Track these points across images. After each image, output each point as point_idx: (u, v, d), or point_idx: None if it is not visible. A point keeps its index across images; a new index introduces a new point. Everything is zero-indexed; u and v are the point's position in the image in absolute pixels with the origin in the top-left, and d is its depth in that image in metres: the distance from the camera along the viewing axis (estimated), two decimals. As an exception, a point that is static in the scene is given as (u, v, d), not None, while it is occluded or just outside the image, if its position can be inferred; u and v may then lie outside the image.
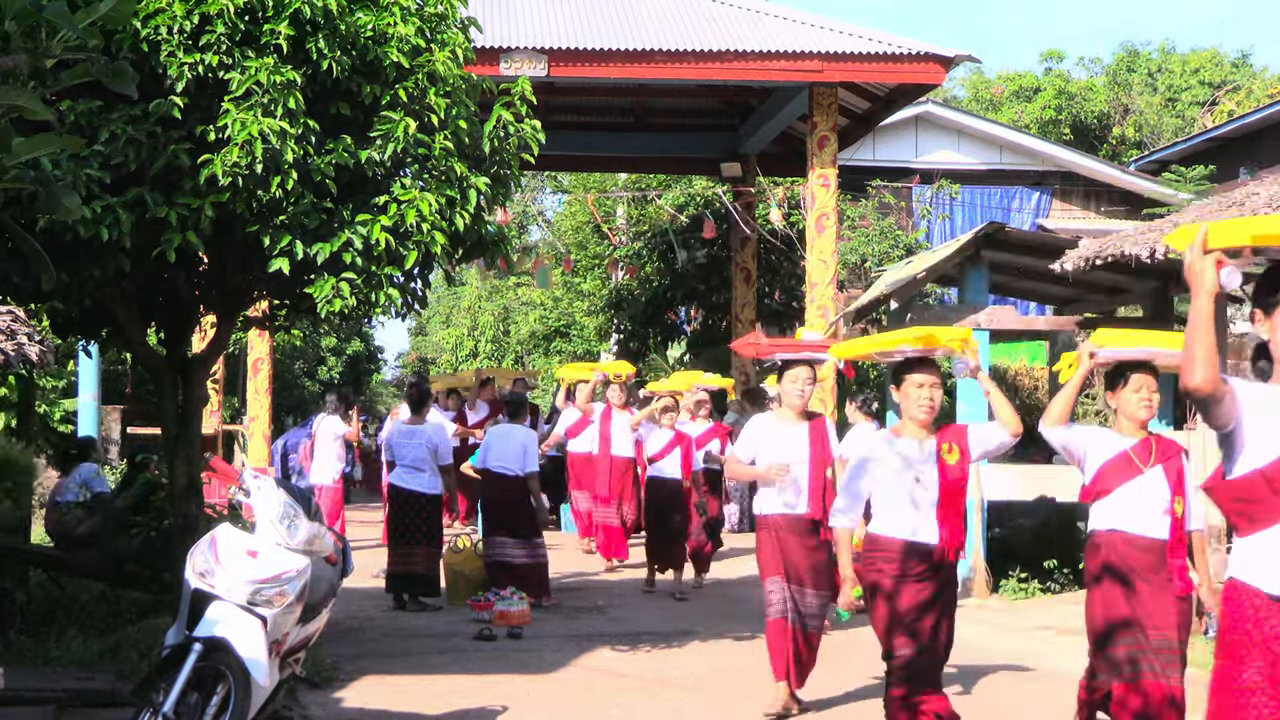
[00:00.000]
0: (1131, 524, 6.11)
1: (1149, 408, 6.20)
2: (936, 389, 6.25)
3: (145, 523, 9.38)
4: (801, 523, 7.57)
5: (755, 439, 7.69)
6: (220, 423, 21.07)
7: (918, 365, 6.29)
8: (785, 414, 7.77)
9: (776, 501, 7.58)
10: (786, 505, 7.54)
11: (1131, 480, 6.11)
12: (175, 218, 7.27)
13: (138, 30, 7.19)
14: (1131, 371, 6.19)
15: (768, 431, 7.69)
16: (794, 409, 7.70)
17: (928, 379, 6.24)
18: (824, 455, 7.66)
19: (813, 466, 7.57)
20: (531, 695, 8.05)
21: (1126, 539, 6.10)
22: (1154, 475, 6.12)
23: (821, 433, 7.69)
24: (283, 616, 5.85)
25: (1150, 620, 5.98)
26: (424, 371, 39.28)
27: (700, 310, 23.40)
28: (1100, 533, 6.21)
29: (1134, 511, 6.10)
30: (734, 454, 7.81)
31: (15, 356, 8.02)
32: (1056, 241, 13.24)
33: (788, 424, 7.69)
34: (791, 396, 7.67)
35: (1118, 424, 6.28)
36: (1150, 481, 6.11)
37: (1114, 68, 35.51)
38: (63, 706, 7.01)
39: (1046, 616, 11.09)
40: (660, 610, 11.14)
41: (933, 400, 6.22)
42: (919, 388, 6.22)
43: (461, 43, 8.12)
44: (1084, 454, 6.22)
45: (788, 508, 7.55)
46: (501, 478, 11.18)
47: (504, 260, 8.91)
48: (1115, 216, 25.38)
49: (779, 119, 18.18)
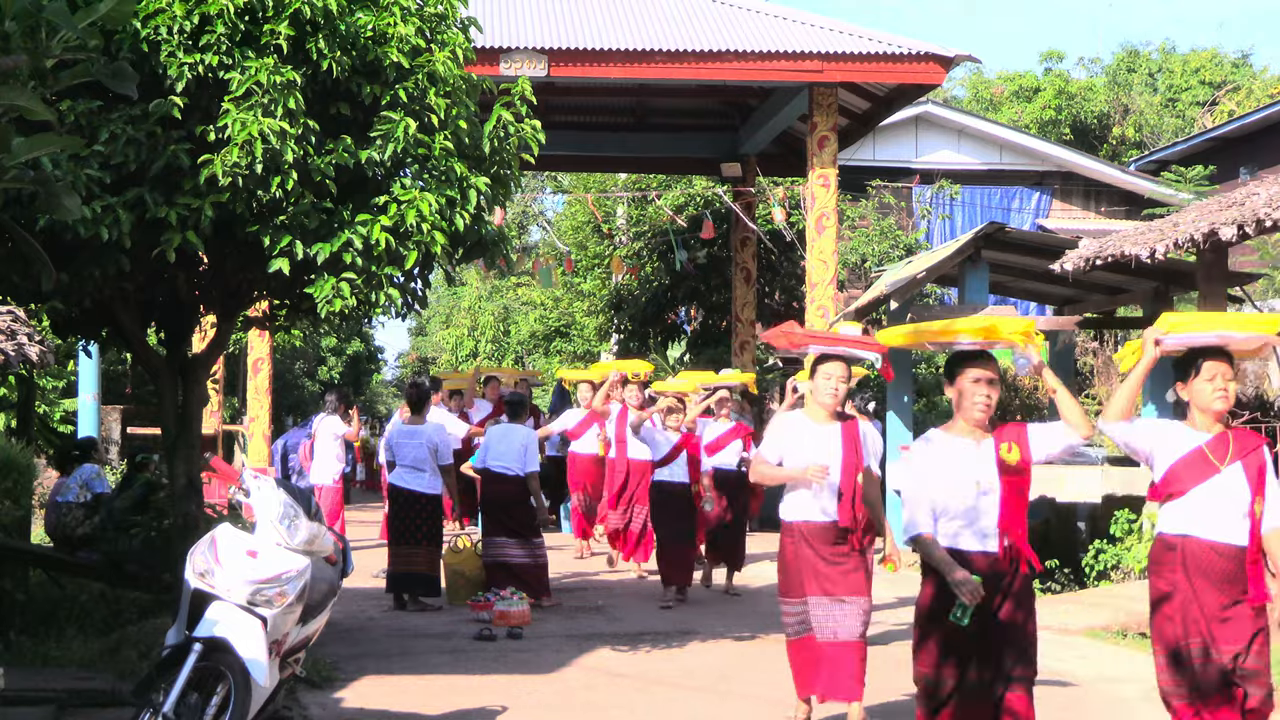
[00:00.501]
0: (1208, 529, 5.60)
1: (1225, 398, 5.65)
2: (995, 386, 5.71)
3: (145, 523, 9.38)
4: (831, 530, 7.00)
5: (783, 439, 7.09)
6: (220, 423, 21.09)
7: (975, 359, 5.72)
8: (816, 413, 7.11)
9: (811, 507, 6.99)
10: (824, 512, 6.97)
11: (1208, 480, 5.61)
12: (175, 218, 7.28)
13: (138, 30, 7.20)
14: (1204, 359, 5.68)
15: (797, 431, 7.07)
16: (825, 408, 7.07)
17: (985, 374, 5.66)
18: (856, 460, 7.07)
19: (844, 471, 6.99)
20: (531, 695, 8.05)
21: (1203, 545, 5.59)
22: (1232, 473, 5.59)
23: (854, 436, 7.10)
24: (283, 616, 5.85)
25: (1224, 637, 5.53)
26: (425, 371, 39.28)
27: (700, 310, 23.41)
28: (1171, 537, 5.69)
29: (1211, 515, 5.59)
30: (760, 454, 7.20)
31: (15, 356, 8.02)
32: (1056, 241, 13.26)
33: (818, 424, 7.06)
34: (824, 394, 7.03)
35: (1190, 417, 5.74)
36: (1228, 481, 5.59)
37: (1114, 68, 35.54)
38: (63, 706, 7.01)
39: (1046, 616, 11.05)
40: (660, 610, 11.14)
41: (990, 399, 5.66)
42: (975, 384, 5.65)
43: (461, 43, 8.12)
44: (1151, 451, 5.74)
45: (825, 515, 6.97)
46: (501, 478, 11.18)
47: (504, 260, 8.91)
48: (1115, 216, 25.41)
49: (779, 119, 18.19)
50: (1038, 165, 26.11)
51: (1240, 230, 9.56)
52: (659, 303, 23.37)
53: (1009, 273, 14.70)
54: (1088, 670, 9.18)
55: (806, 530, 6.98)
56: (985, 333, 5.77)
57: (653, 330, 23.78)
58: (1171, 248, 10.26)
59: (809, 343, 7.19)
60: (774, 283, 22.28)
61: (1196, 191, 21.27)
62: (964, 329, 5.83)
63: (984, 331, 5.77)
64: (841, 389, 7.05)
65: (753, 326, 20.47)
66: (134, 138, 7.17)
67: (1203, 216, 10.28)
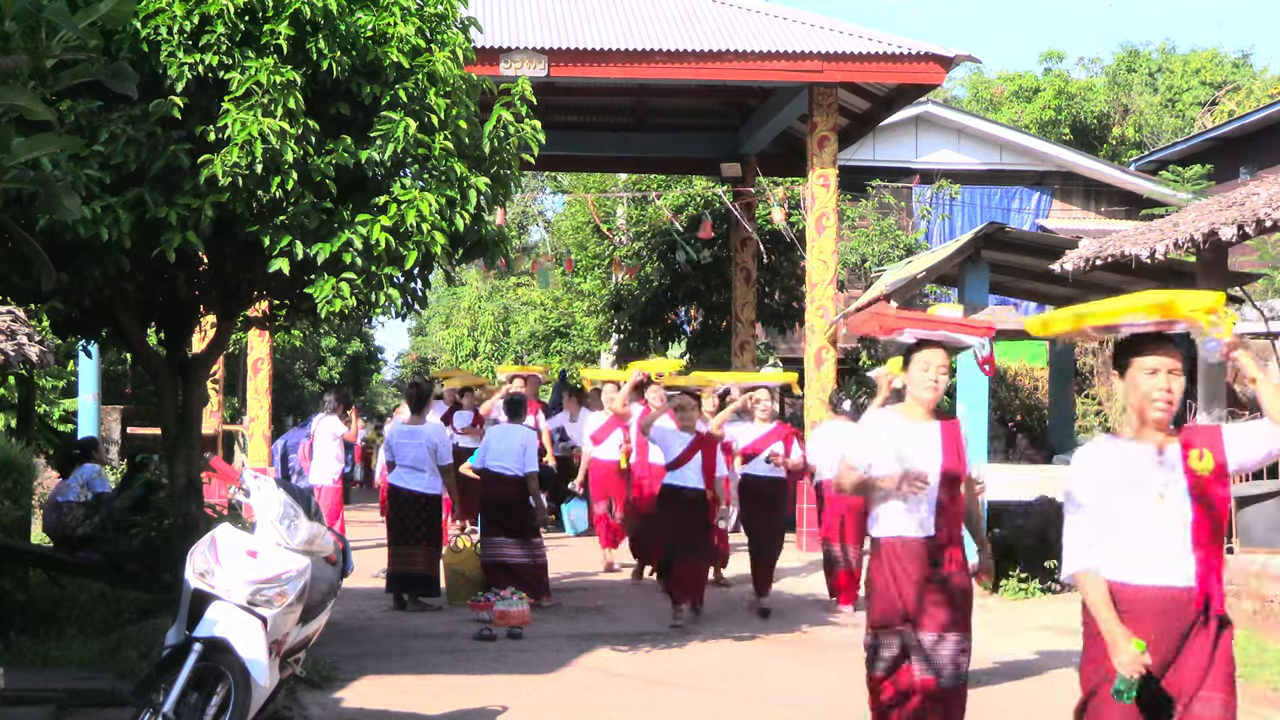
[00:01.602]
0: None
1: None
2: (1177, 377, 4.79)
3: (145, 523, 9.37)
4: (928, 548, 5.95)
5: (872, 441, 6.05)
6: (220, 423, 21.08)
7: (1150, 345, 4.79)
8: (911, 410, 6.06)
9: (906, 522, 5.93)
10: (920, 526, 5.92)
11: None
12: (175, 218, 7.28)
13: (138, 30, 7.20)
14: None
15: (888, 432, 6.01)
16: (923, 404, 6.01)
17: (1165, 363, 4.72)
18: (959, 465, 6.06)
19: (945, 479, 5.98)
20: (531, 695, 8.05)
21: None
22: None
23: (956, 437, 6.11)
24: (283, 616, 5.85)
25: None
26: (426, 371, 39.28)
27: (700, 310, 23.41)
28: None
29: None
30: (846, 460, 6.09)
31: (15, 356, 8.02)
32: (1056, 241, 13.25)
33: (914, 423, 6.01)
34: (922, 387, 6.00)
35: None
36: None
37: (1114, 68, 35.54)
38: (63, 706, 7.01)
39: (1046, 616, 11.09)
40: (660, 610, 11.13)
41: (1171, 392, 4.74)
42: (1152, 374, 4.71)
43: (461, 43, 8.12)
44: None
45: (921, 530, 5.92)
46: (500, 478, 11.18)
47: (504, 260, 8.91)
48: (1115, 216, 25.41)
49: (779, 119, 18.18)
50: (1038, 165, 26.11)
51: (1240, 230, 9.56)
52: (659, 303, 23.36)
53: (1009, 273, 14.69)
54: (1088, 670, 9.17)
55: (900, 549, 5.94)
56: (1161, 310, 4.81)
57: (653, 330, 23.78)
58: (1171, 248, 10.25)
59: (904, 327, 6.15)
60: (774, 283, 22.28)
61: (1195, 191, 21.26)
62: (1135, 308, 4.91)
63: (1160, 309, 4.82)
64: (942, 381, 6.05)
65: (753, 326, 20.45)
66: (134, 138, 7.17)
67: (1203, 216, 10.27)
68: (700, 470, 10.55)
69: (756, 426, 11.45)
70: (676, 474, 10.60)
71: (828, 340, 15.58)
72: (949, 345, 6.16)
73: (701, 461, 10.58)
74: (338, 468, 14.31)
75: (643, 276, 24.03)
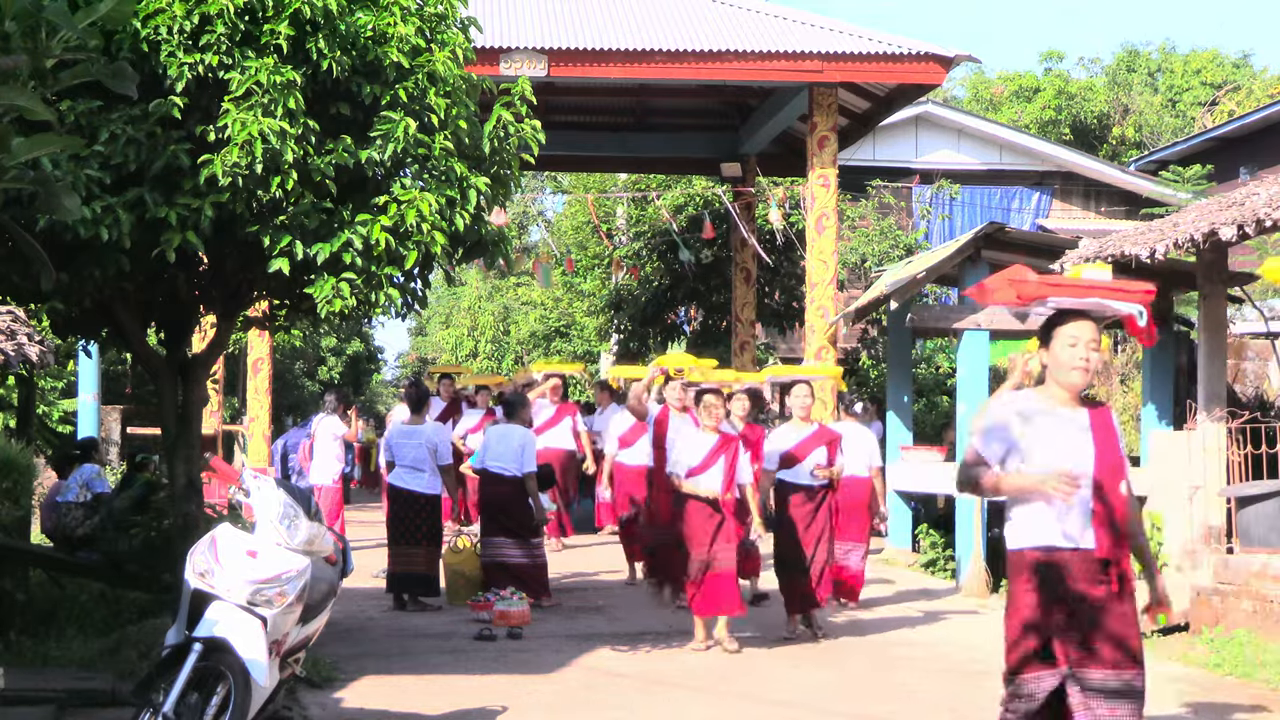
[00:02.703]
0: None
1: None
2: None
3: (145, 523, 9.38)
4: (1085, 564, 4.83)
5: (1009, 431, 4.97)
6: (220, 423, 21.10)
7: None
8: (1052, 395, 4.99)
9: (1051, 530, 4.87)
10: (1068, 537, 4.83)
11: None
12: (175, 218, 7.28)
13: (138, 30, 7.20)
14: None
15: (1029, 422, 4.96)
16: (1069, 388, 4.93)
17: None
18: (1116, 460, 4.94)
19: (1101, 477, 4.88)
20: (531, 695, 8.05)
21: None
22: None
23: (1109, 428, 4.99)
24: (283, 616, 5.85)
25: None
26: (425, 371, 39.27)
27: (700, 310, 23.42)
28: None
29: None
30: (973, 453, 5.05)
31: (15, 356, 8.02)
32: (1056, 241, 13.25)
33: (1059, 410, 4.96)
34: (1068, 368, 4.91)
35: None
36: None
37: (1114, 68, 35.56)
38: (63, 706, 7.01)
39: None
40: (660, 610, 11.13)
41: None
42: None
43: (461, 43, 8.12)
44: None
45: (1068, 540, 4.84)
46: (499, 478, 11.18)
47: (504, 260, 8.91)
48: (1115, 216, 25.42)
49: (779, 119, 18.19)
50: (1038, 165, 26.11)
51: (1240, 230, 9.56)
52: (659, 303, 23.37)
53: (1009, 273, 14.69)
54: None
55: (1047, 565, 4.87)
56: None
57: (653, 330, 23.79)
58: (1171, 248, 10.25)
59: (1048, 294, 4.98)
60: (774, 283, 22.29)
61: (1195, 191, 21.26)
62: None
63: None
64: (1094, 359, 4.93)
65: (753, 326, 20.46)
66: (134, 138, 7.17)
67: (1203, 216, 10.27)
68: (723, 477, 9.46)
69: (796, 428, 10.12)
70: (695, 481, 9.47)
71: (828, 340, 15.58)
72: (1097, 316, 5.01)
73: (724, 467, 9.48)
74: (338, 468, 14.32)
75: (643, 276, 24.05)
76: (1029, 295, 4.99)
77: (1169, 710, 7.93)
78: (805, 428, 10.06)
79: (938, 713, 7.87)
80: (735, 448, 9.57)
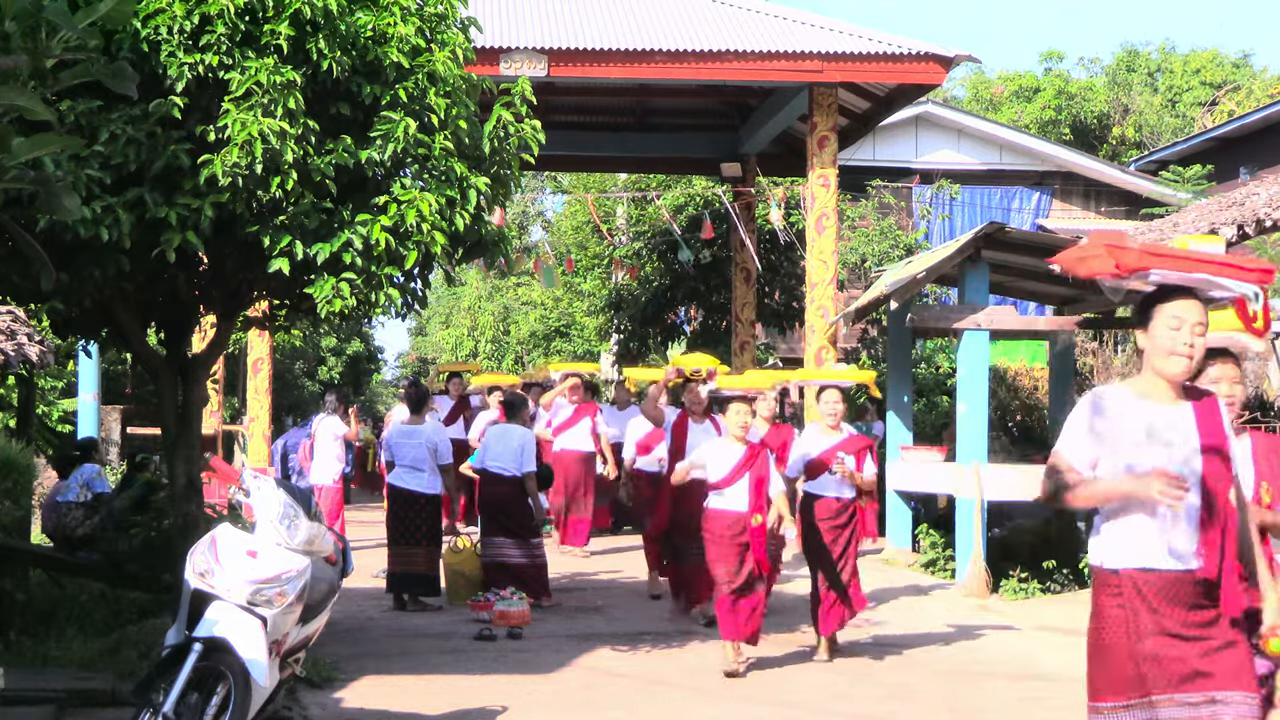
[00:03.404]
0: None
1: None
2: None
3: (145, 523, 9.38)
4: (1187, 586, 4.19)
5: (1101, 430, 4.28)
6: (220, 423, 21.10)
7: None
8: (1150, 386, 4.32)
9: (1151, 546, 4.20)
10: (1174, 554, 4.18)
11: None
12: (175, 218, 7.28)
13: (138, 30, 7.20)
14: None
15: (1124, 418, 4.28)
16: (1171, 377, 4.26)
17: None
18: (1224, 464, 4.26)
19: (1209, 483, 4.21)
20: (531, 695, 8.05)
21: None
22: None
23: (1217, 423, 4.31)
24: (283, 616, 5.85)
25: None
26: (425, 371, 39.28)
27: (700, 310, 23.42)
28: None
29: None
30: (1059, 457, 4.33)
31: (15, 356, 8.03)
32: (1056, 241, 13.24)
33: (1157, 404, 4.29)
34: (1169, 353, 4.24)
35: None
36: None
37: (1114, 68, 35.55)
38: (63, 706, 7.01)
39: (1046, 616, 11.10)
40: (660, 610, 11.13)
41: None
42: None
43: (461, 43, 8.12)
44: None
45: (1175, 559, 4.18)
46: (498, 478, 11.18)
47: (504, 260, 8.91)
48: (1115, 216, 25.42)
49: (779, 119, 18.19)
50: (1038, 165, 26.11)
51: (1240, 230, 9.57)
52: (659, 303, 23.38)
53: (1009, 273, 14.69)
54: (1088, 670, 9.17)
55: (1145, 586, 4.20)
56: None
57: (653, 330, 23.79)
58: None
59: (1152, 265, 4.25)
60: (774, 283, 22.29)
61: (1195, 191, 21.27)
62: None
63: None
64: (1199, 346, 4.26)
65: (753, 326, 20.46)
66: (134, 138, 7.17)
67: (1203, 216, 10.29)
68: (750, 494, 8.76)
69: (825, 434, 9.42)
70: (719, 496, 8.84)
71: (828, 340, 15.58)
72: (1203, 295, 4.33)
73: (751, 483, 8.76)
74: (338, 468, 14.32)
75: (643, 276, 24.05)
76: (1129, 265, 4.26)
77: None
78: (833, 435, 9.38)
79: (938, 713, 7.88)
80: (764, 460, 8.86)
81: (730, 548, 8.67)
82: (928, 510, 14.69)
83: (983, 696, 8.30)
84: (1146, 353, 4.31)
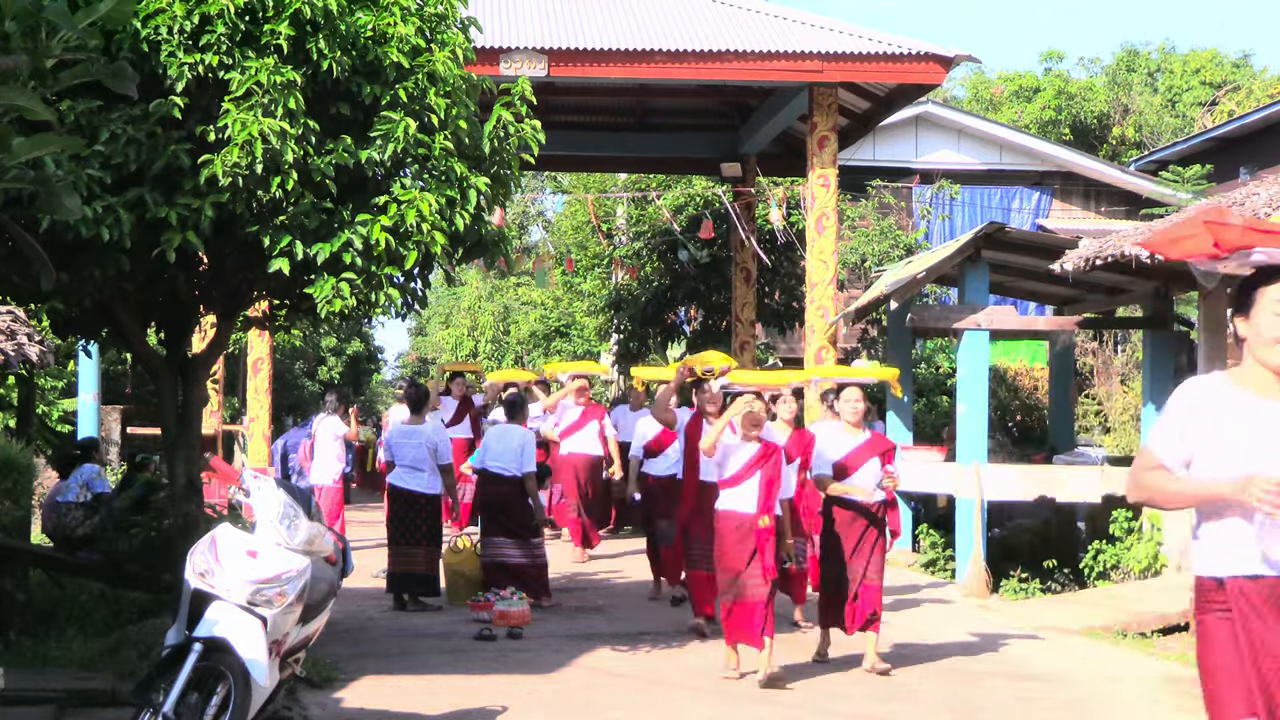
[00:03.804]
0: None
1: None
2: None
3: (145, 523, 9.38)
4: None
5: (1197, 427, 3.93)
6: (220, 423, 21.10)
7: None
8: (1250, 378, 3.95)
9: (1252, 553, 3.85)
10: (1272, 564, 3.83)
11: None
12: (175, 218, 7.28)
13: (138, 30, 7.20)
14: None
15: (1223, 413, 3.91)
16: (1276, 368, 3.90)
17: None
18: None
19: None
20: (531, 695, 8.05)
21: None
22: None
23: None
24: (283, 616, 5.85)
25: None
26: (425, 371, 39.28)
27: (700, 310, 23.42)
28: None
29: None
30: (1150, 455, 4.02)
31: (15, 356, 8.03)
32: (1056, 241, 13.25)
33: (1259, 399, 3.92)
34: (1273, 342, 3.88)
35: None
36: None
37: (1114, 68, 35.53)
38: (63, 706, 7.01)
39: (1046, 616, 11.10)
40: (660, 610, 11.13)
41: None
42: None
43: (461, 43, 8.13)
44: None
45: (1271, 568, 3.83)
46: (498, 478, 11.18)
47: (504, 260, 8.91)
48: (1115, 216, 25.41)
49: (779, 119, 18.18)
50: (1038, 165, 26.10)
51: (1240, 230, 9.56)
52: (659, 303, 23.37)
53: (1009, 273, 14.70)
54: (1087, 670, 9.18)
55: (1252, 595, 3.84)
56: None
57: (653, 330, 23.79)
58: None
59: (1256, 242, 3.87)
60: (774, 283, 22.28)
61: (1195, 191, 21.27)
62: None
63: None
64: None
65: (753, 326, 20.45)
66: (134, 138, 7.17)
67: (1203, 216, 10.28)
68: (760, 495, 8.44)
69: (847, 434, 9.02)
70: (730, 496, 8.55)
71: (828, 340, 15.58)
72: None
73: (761, 483, 8.45)
74: (338, 468, 14.30)
75: (643, 276, 24.05)
76: (1231, 244, 3.86)
77: (1167, 711, 7.94)
78: (856, 435, 8.97)
79: (937, 713, 7.88)
80: (776, 460, 8.54)
81: (736, 549, 8.40)
82: (928, 510, 14.69)
83: (982, 696, 8.30)
84: (1248, 341, 3.93)
